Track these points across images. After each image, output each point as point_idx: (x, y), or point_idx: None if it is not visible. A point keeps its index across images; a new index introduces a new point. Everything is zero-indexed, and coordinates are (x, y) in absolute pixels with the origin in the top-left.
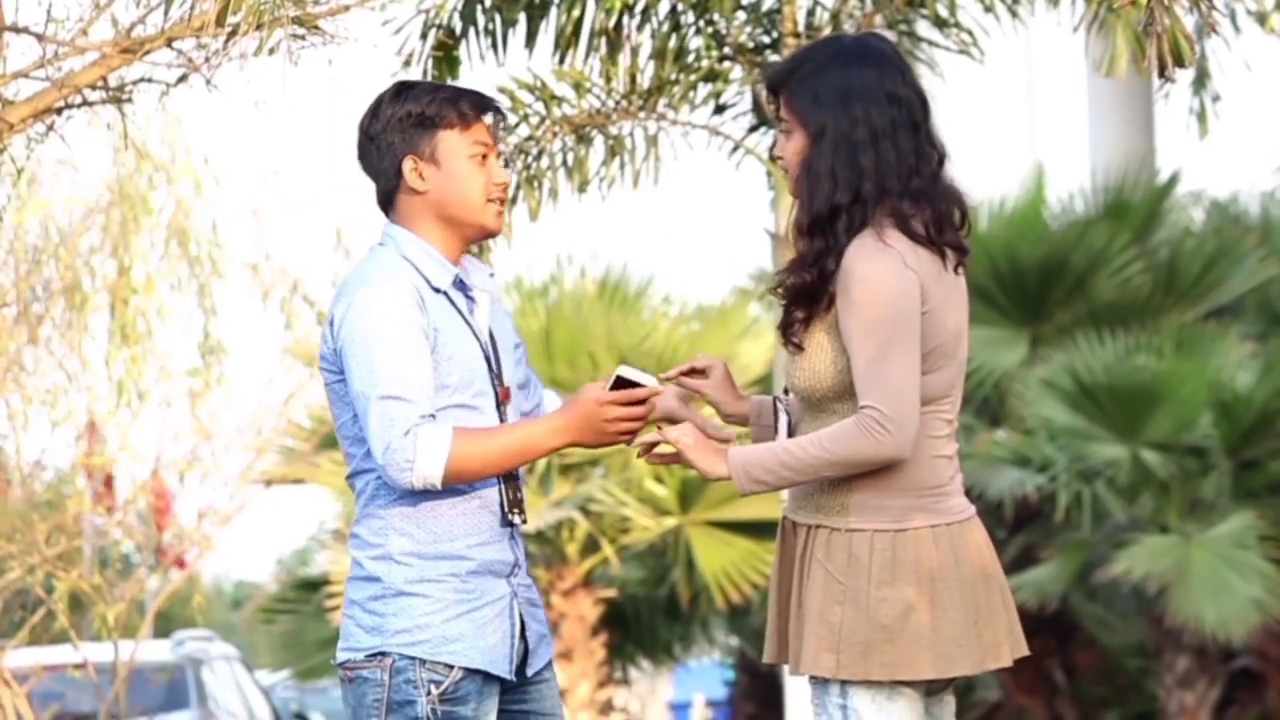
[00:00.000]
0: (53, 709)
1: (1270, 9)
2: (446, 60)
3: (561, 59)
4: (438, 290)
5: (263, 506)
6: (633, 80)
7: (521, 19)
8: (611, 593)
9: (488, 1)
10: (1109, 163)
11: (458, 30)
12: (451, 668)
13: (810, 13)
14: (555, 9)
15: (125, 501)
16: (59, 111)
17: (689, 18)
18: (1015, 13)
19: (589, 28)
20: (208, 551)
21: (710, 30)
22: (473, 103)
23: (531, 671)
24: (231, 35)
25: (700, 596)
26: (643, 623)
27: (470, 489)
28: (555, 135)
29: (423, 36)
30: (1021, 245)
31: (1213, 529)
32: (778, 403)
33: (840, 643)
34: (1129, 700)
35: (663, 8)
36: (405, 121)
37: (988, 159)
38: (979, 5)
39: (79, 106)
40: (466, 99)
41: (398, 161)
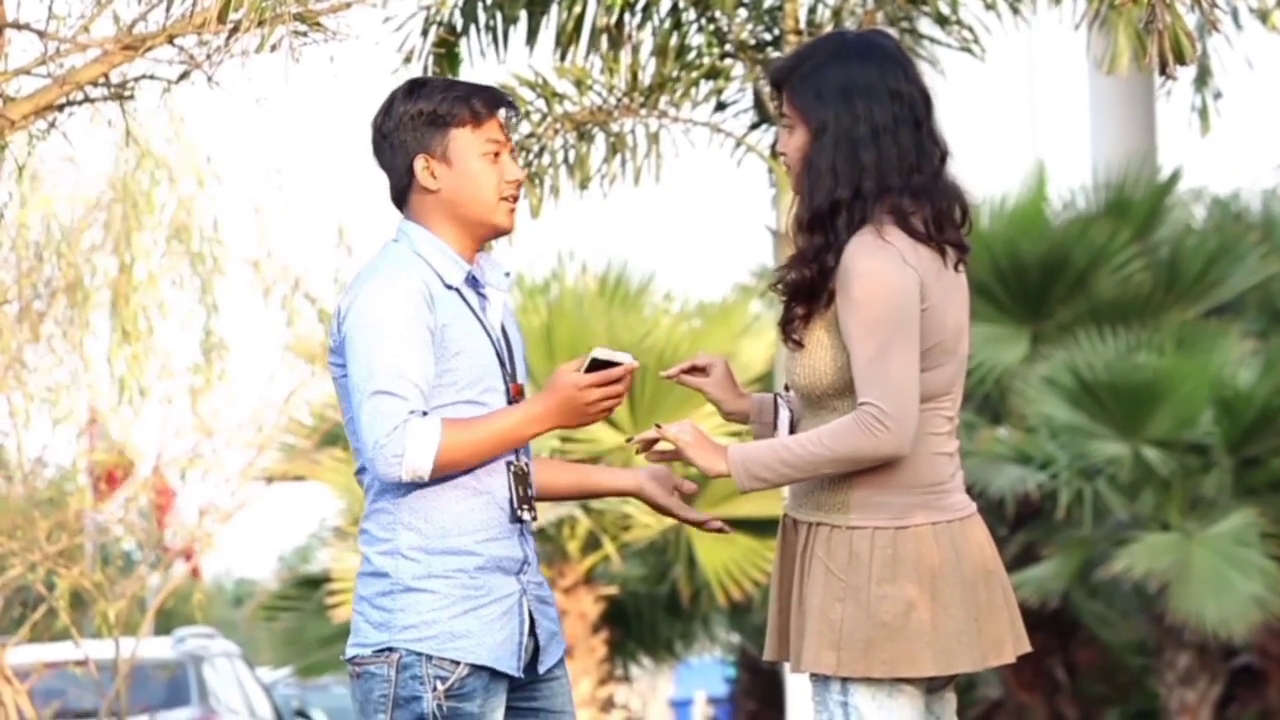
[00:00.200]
0: (54, 706)
1: (1272, 6)
2: (448, 57)
3: (563, 56)
4: (450, 287)
5: (264, 503)
6: (634, 77)
7: (523, 16)
8: (613, 590)
9: None
10: (1110, 160)
11: (459, 27)
12: (458, 664)
13: (812, 9)
14: (556, 6)
15: (126, 498)
16: (60, 108)
17: (690, 15)
18: (1017, 10)
19: (590, 24)
20: (209, 549)
21: (712, 27)
22: (485, 100)
23: (543, 669)
24: (233, 32)
25: (701, 594)
26: (644, 620)
27: (480, 485)
28: (557, 132)
29: (424, 33)
30: (1023, 242)
31: (1214, 526)
32: (778, 400)
33: (841, 640)
34: (1130, 698)
35: (664, 5)
36: (417, 119)
37: (989, 156)
38: (980, 3)
39: (81, 103)
40: (479, 96)
41: (410, 160)
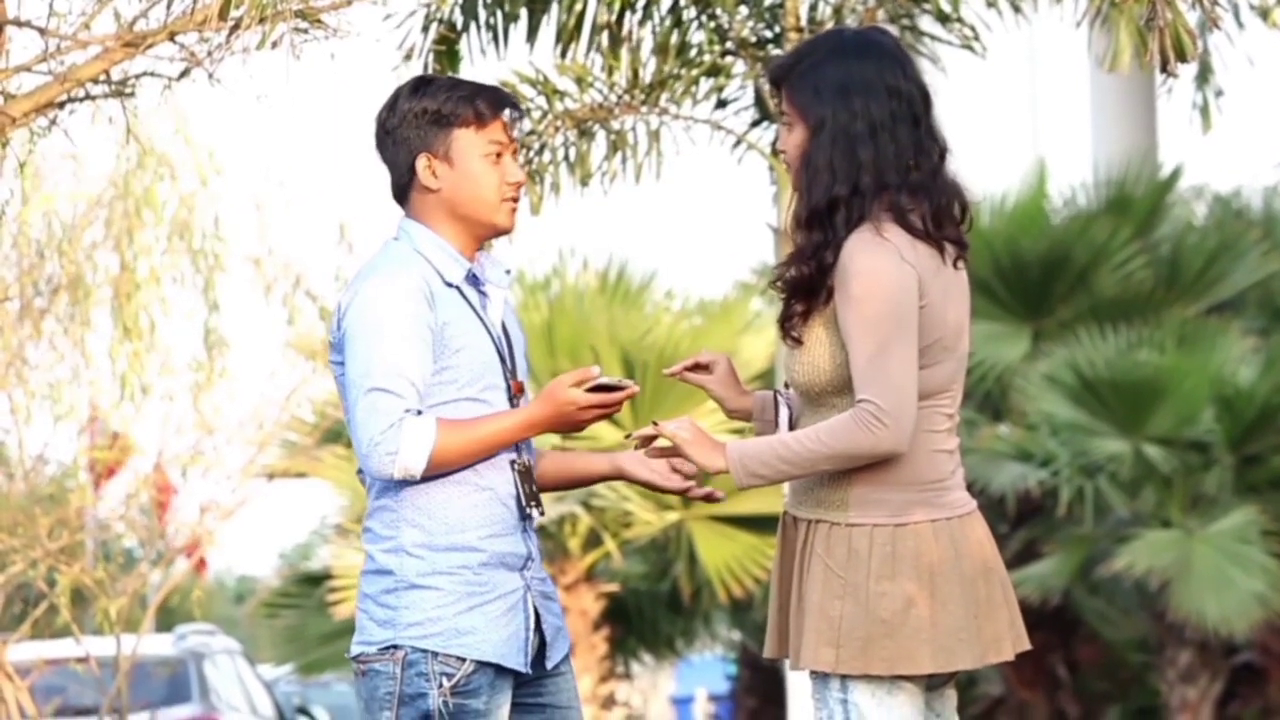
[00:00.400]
0: (55, 703)
1: (1273, 4)
2: (448, 54)
3: (563, 53)
4: (450, 284)
5: (265, 500)
6: (635, 74)
7: (523, 13)
8: (614, 587)
9: None
10: (1111, 157)
11: (459, 24)
12: (463, 660)
13: (813, 7)
14: (557, 3)
15: (128, 495)
16: (62, 105)
17: (691, 12)
18: (1018, 8)
19: (591, 22)
20: (210, 546)
21: (713, 25)
22: (490, 101)
23: (548, 665)
24: (234, 29)
25: (702, 591)
26: (645, 617)
27: (482, 481)
28: (557, 130)
29: (424, 31)
30: (1023, 240)
31: (1215, 524)
32: (778, 397)
33: (840, 637)
34: (1131, 695)
35: (665, 2)
36: (421, 118)
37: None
38: (981, 0)
39: (82, 101)
40: (484, 97)
41: (412, 158)
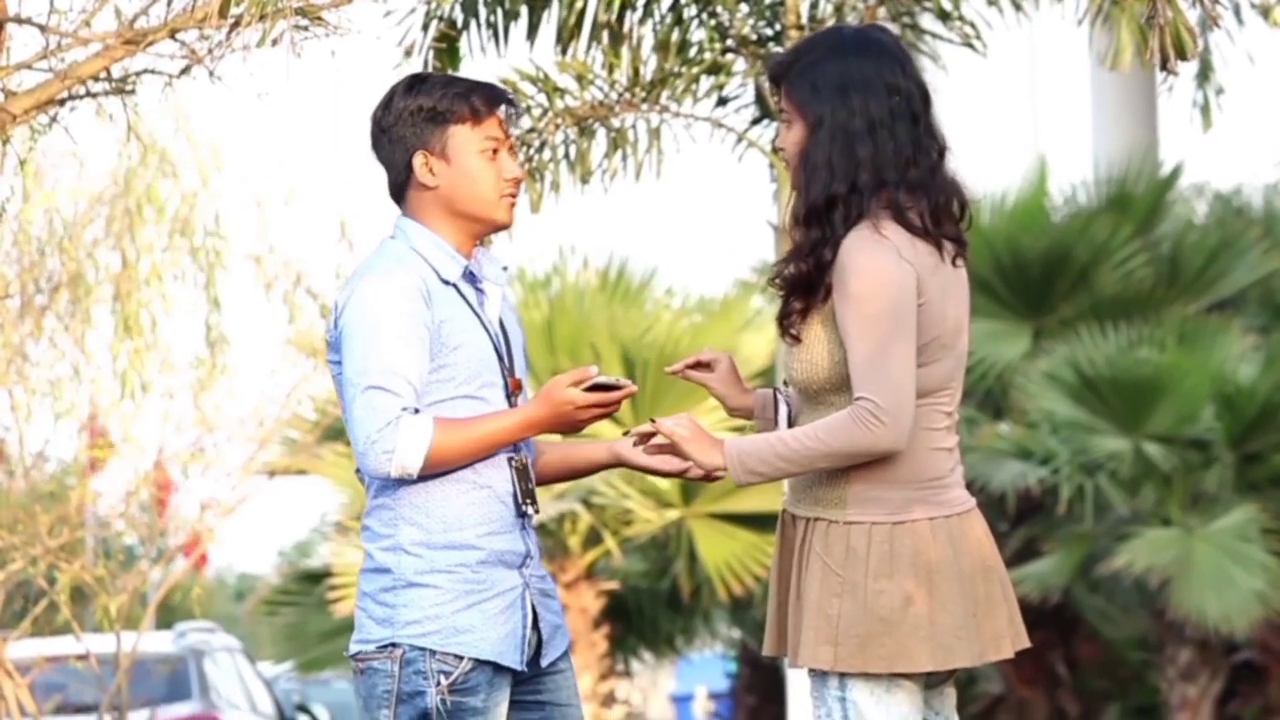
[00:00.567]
0: (55, 700)
1: (1273, 2)
2: (448, 52)
3: (564, 51)
4: (447, 282)
5: (265, 498)
6: (635, 72)
7: (523, 11)
8: (613, 585)
9: None
10: (1112, 155)
11: (459, 22)
12: (461, 659)
13: (813, 5)
14: (557, 1)
15: (128, 493)
16: (62, 103)
17: (692, 10)
18: (1019, 6)
19: (591, 19)
20: (210, 543)
21: (713, 22)
22: (485, 97)
23: (546, 662)
24: (234, 26)
25: (702, 589)
26: (645, 615)
27: (479, 479)
28: (557, 127)
29: (424, 28)
30: (1024, 238)
31: (1215, 522)
32: (777, 394)
33: (838, 635)
34: (1131, 693)
35: (665, 0)
36: (416, 116)
37: (990, 152)
38: None
39: (82, 98)
40: (479, 93)
41: (408, 156)
